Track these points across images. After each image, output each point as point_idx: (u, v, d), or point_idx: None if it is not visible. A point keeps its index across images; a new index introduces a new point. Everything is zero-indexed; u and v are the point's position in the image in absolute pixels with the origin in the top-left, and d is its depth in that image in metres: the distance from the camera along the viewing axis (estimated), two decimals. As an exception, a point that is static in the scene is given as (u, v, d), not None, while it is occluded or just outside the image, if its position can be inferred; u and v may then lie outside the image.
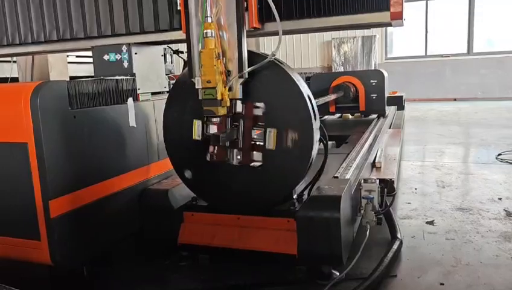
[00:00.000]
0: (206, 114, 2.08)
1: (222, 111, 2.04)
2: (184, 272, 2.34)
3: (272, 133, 2.14)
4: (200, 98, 2.05)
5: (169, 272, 2.34)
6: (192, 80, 2.09)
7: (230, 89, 2.06)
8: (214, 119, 2.13)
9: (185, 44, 2.17)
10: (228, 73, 2.07)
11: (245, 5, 2.09)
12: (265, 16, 2.19)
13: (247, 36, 2.11)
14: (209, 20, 2.00)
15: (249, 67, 2.08)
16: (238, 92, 2.09)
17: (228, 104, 2.06)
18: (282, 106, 2.13)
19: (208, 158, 2.27)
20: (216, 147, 2.22)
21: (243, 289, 2.18)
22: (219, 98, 2.00)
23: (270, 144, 2.15)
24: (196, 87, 2.06)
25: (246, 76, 2.08)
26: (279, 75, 2.13)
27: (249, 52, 2.12)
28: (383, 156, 3.80)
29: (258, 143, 2.21)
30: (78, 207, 2.12)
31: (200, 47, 2.05)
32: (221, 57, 2.03)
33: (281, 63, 2.17)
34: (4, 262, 2.16)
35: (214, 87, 1.99)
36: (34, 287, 2.04)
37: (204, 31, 2.00)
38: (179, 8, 2.32)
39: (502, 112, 8.65)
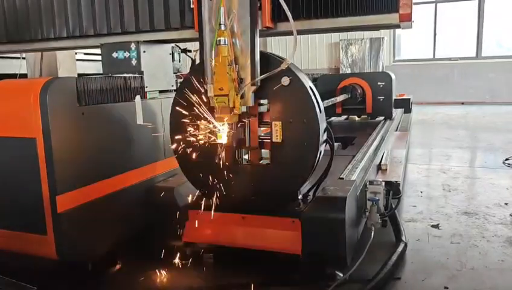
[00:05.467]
0: (217, 121, 2.09)
1: (234, 118, 2.05)
2: (188, 270, 2.34)
3: (277, 126, 2.13)
4: (212, 105, 2.06)
5: (173, 270, 2.35)
6: (205, 86, 2.10)
7: (242, 97, 2.07)
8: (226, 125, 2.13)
9: (193, 42, 2.18)
10: (240, 80, 2.07)
11: (258, 5, 2.10)
12: (278, 15, 2.19)
13: (260, 35, 2.11)
14: (223, 27, 2.01)
15: (262, 70, 2.08)
16: (250, 99, 2.09)
17: (240, 111, 2.06)
18: (289, 107, 2.13)
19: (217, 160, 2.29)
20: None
21: (247, 288, 2.18)
22: (231, 105, 2.01)
23: (277, 137, 2.14)
24: (208, 94, 2.07)
25: (258, 84, 2.08)
26: (288, 77, 2.13)
27: (263, 54, 2.12)
28: (389, 159, 3.79)
29: (265, 141, 2.22)
30: (84, 203, 2.14)
31: (213, 54, 2.06)
32: (233, 65, 2.03)
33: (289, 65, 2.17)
34: (10, 255, 2.19)
35: (226, 95, 1.99)
36: (39, 281, 2.06)
37: (218, 39, 2.00)
38: (191, 6, 2.32)
39: (510, 117, 8.58)
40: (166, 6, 2.50)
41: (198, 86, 2.15)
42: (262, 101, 2.24)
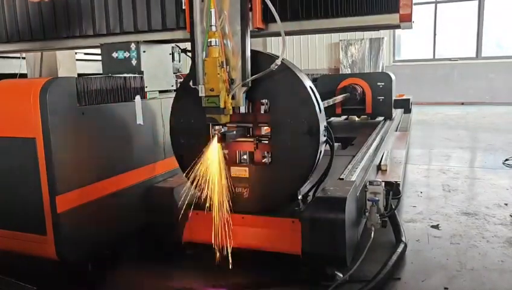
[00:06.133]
0: (208, 122, 2.09)
1: (225, 119, 2.05)
2: (188, 271, 2.34)
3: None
4: (203, 105, 2.06)
5: (173, 270, 2.35)
6: (196, 87, 2.11)
7: (233, 97, 2.07)
8: (217, 127, 2.14)
9: (192, 43, 2.18)
10: (231, 81, 2.07)
11: (249, 6, 2.10)
12: (269, 16, 2.19)
13: (252, 37, 2.11)
14: (214, 29, 2.01)
15: (256, 68, 2.08)
16: (241, 100, 2.10)
17: (231, 112, 2.07)
18: (288, 107, 2.13)
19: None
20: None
21: (246, 288, 2.18)
22: (222, 106, 2.01)
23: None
24: (200, 95, 2.08)
25: (249, 85, 2.09)
26: (287, 76, 2.14)
27: (257, 52, 2.12)
28: (389, 159, 3.79)
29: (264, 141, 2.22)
30: (84, 203, 2.14)
31: (204, 55, 2.06)
32: (224, 66, 2.03)
33: (288, 64, 2.17)
34: (10, 255, 2.18)
35: (217, 96, 2.00)
36: (39, 282, 2.06)
37: (209, 40, 2.01)
38: (183, 7, 2.33)
39: (510, 117, 8.58)
40: (162, 7, 2.51)
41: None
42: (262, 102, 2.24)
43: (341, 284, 2.07)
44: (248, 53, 2.07)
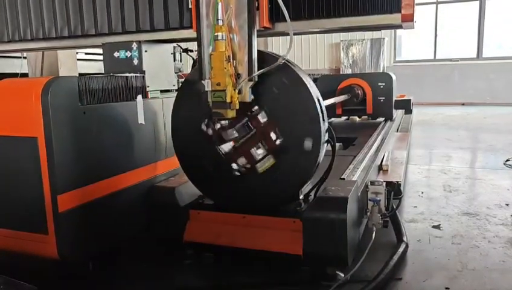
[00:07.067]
0: (214, 116, 2.08)
1: (231, 114, 2.05)
2: (188, 270, 2.34)
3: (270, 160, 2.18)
4: (209, 100, 2.06)
5: (173, 270, 2.35)
6: (202, 81, 2.10)
7: (239, 92, 2.06)
8: (223, 122, 2.13)
9: (195, 42, 2.18)
10: (238, 76, 2.07)
11: (256, 5, 2.10)
12: (276, 15, 2.19)
13: (258, 36, 2.11)
14: (220, 23, 2.01)
15: (259, 67, 2.08)
16: (247, 95, 2.09)
17: (237, 106, 2.06)
18: (290, 107, 2.13)
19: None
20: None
21: (247, 288, 2.18)
22: (228, 100, 2.00)
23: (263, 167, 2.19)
24: (206, 89, 2.07)
25: (256, 79, 2.08)
26: (289, 76, 2.14)
27: (260, 52, 2.12)
28: (390, 159, 3.78)
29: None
30: (86, 202, 2.14)
31: (210, 49, 2.05)
32: (231, 60, 2.03)
33: (291, 64, 2.17)
34: (11, 255, 2.18)
35: (223, 90, 1.99)
36: (39, 281, 2.06)
37: (215, 34, 2.00)
38: (190, 7, 2.33)
39: (511, 118, 8.57)
40: (165, 7, 2.51)
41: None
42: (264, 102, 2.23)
43: (342, 285, 2.07)
44: (255, 47, 2.06)
